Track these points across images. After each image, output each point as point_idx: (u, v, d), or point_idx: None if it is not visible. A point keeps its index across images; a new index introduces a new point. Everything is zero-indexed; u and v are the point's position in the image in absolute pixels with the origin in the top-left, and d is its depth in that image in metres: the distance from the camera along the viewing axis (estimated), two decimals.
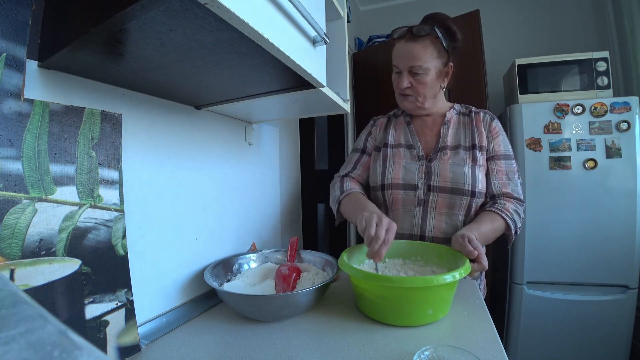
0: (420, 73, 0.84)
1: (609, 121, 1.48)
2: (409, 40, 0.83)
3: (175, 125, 0.72)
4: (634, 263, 1.45)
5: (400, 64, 0.86)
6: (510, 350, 1.60)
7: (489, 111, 0.95)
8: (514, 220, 0.81)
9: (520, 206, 0.85)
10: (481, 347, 0.51)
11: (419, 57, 0.82)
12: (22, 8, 0.43)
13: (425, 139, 0.93)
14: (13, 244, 0.41)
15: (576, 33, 2.05)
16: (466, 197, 0.83)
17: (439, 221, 0.86)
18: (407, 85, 0.86)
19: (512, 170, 0.88)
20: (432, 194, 0.86)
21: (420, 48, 0.82)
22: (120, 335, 0.52)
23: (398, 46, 0.87)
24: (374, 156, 0.98)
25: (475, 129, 0.90)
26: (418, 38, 0.82)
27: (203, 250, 0.78)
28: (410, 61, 0.83)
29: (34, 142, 0.44)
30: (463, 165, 0.85)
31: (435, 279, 0.55)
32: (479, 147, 0.87)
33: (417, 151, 0.91)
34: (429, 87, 0.87)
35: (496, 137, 0.89)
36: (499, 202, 0.83)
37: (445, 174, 0.85)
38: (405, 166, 0.90)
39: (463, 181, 0.83)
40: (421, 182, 0.87)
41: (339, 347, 0.53)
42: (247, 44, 0.42)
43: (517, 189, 0.86)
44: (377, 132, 1.01)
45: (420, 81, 0.85)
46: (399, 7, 2.47)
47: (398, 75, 0.89)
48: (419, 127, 0.96)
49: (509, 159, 0.89)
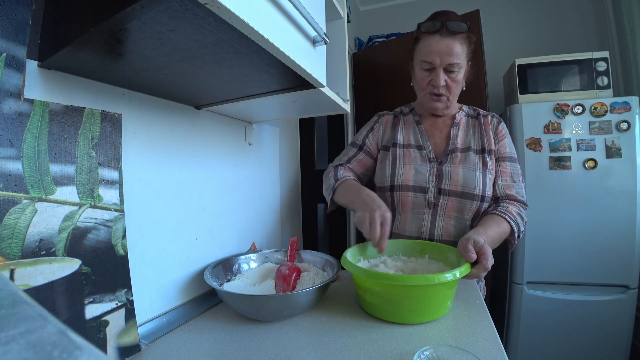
0: (455, 71, 0.82)
1: (609, 121, 1.48)
2: (445, 35, 0.79)
3: (175, 125, 0.72)
4: (634, 263, 1.45)
5: (437, 60, 0.81)
6: (510, 350, 1.60)
7: (496, 114, 0.94)
8: (517, 223, 0.80)
9: (523, 209, 0.84)
10: (481, 347, 0.51)
11: (457, 54, 0.80)
12: (22, 8, 0.43)
13: (435, 140, 0.92)
14: (13, 244, 0.41)
15: (576, 33, 2.05)
16: (476, 201, 0.83)
17: (448, 224, 0.85)
18: (443, 84, 0.83)
19: (517, 173, 0.87)
20: (443, 197, 0.84)
21: (458, 45, 0.79)
22: (120, 335, 0.52)
23: (431, 41, 0.81)
24: (382, 155, 0.95)
25: (484, 133, 0.89)
26: (456, 34, 0.79)
27: (203, 250, 0.78)
28: (449, 58, 0.80)
29: (34, 142, 0.44)
30: (474, 169, 0.84)
31: (436, 277, 0.55)
32: (488, 150, 0.87)
33: (427, 153, 0.89)
34: (459, 86, 0.86)
35: (502, 140, 0.89)
36: (502, 205, 0.82)
37: (456, 177, 0.83)
38: (417, 168, 0.88)
39: (474, 186, 0.82)
40: (432, 184, 0.85)
41: (339, 347, 0.53)
42: (247, 44, 0.42)
43: (522, 191, 0.86)
44: (380, 131, 0.99)
45: (454, 79, 0.83)
46: (399, 7, 2.47)
47: (429, 73, 0.84)
48: (428, 128, 0.94)
49: (513, 162, 0.88)
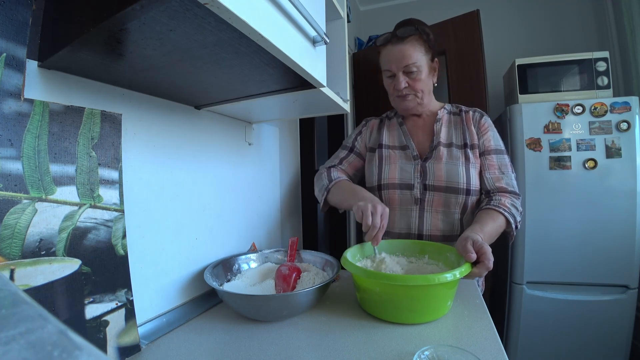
0: (414, 71, 0.86)
1: (609, 121, 1.48)
2: (396, 43, 0.86)
3: (175, 125, 0.72)
4: (634, 263, 1.45)
5: (393, 67, 0.88)
6: (510, 350, 1.60)
7: (479, 109, 0.96)
8: (513, 214, 0.81)
9: (517, 200, 0.85)
10: (481, 347, 0.51)
11: (411, 55, 0.85)
12: (22, 8, 0.43)
13: (418, 139, 0.95)
14: (13, 244, 0.41)
15: (576, 33, 2.05)
16: (461, 195, 0.85)
17: (436, 219, 0.87)
18: (405, 85, 0.88)
19: (505, 164, 0.88)
20: (428, 193, 0.87)
21: (409, 47, 0.85)
22: (120, 335, 0.52)
23: (386, 51, 0.89)
24: (369, 157, 1.00)
25: (466, 128, 0.91)
26: (405, 39, 0.85)
27: (203, 250, 0.78)
28: (403, 61, 0.86)
29: (34, 142, 0.44)
30: (457, 164, 0.86)
31: (436, 277, 0.55)
32: (470, 145, 0.89)
33: (411, 151, 0.93)
34: (425, 83, 0.89)
35: (485, 133, 0.90)
36: (494, 199, 0.84)
37: (439, 173, 0.86)
38: (401, 166, 0.92)
39: (457, 180, 0.85)
40: (417, 181, 0.89)
41: (338, 347, 0.53)
42: (247, 44, 0.42)
43: (512, 182, 0.87)
44: (367, 134, 1.03)
45: (416, 79, 0.88)
46: (399, 7, 2.47)
47: (392, 79, 0.91)
48: (411, 128, 0.98)
49: (500, 154, 0.89)
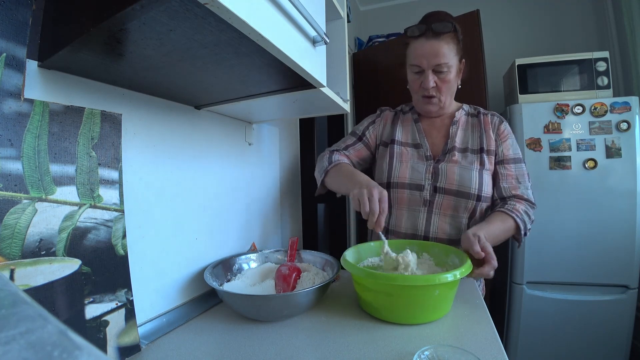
0: (444, 71, 0.82)
1: (609, 121, 1.48)
2: (430, 37, 0.80)
3: (175, 125, 0.72)
4: (634, 263, 1.45)
5: (424, 62, 0.82)
6: (510, 350, 1.60)
7: (497, 113, 0.93)
8: (524, 220, 0.80)
9: (531, 208, 0.83)
10: (481, 347, 0.50)
11: (445, 54, 0.80)
12: (22, 8, 0.43)
13: (433, 139, 0.92)
14: (13, 244, 0.41)
15: (576, 33, 2.05)
16: (472, 200, 0.82)
17: (443, 222, 0.85)
18: (433, 85, 0.83)
19: (522, 174, 0.86)
20: (438, 196, 0.84)
21: (444, 45, 0.80)
22: (120, 335, 0.52)
23: (417, 44, 0.82)
24: (381, 152, 0.96)
25: (483, 132, 0.88)
26: (441, 35, 0.79)
27: (203, 250, 0.78)
28: (436, 59, 0.80)
29: (34, 142, 0.44)
30: (471, 169, 0.84)
31: (436, 277, 0.55)
32: (486, 151, 0.86)
33: (424, 151, 0.90)
34: (452, 85, 0.86)
35: (505, 141, 0.88)
36: (509, 203, 0.82)
37: (452, 176, 0.83)
38: (413, 166, 0.88)
39: (470, 185, 0.82)
40: (427, 182, 0.86)
41: (338, 347, 0.53)
42: (247, 44, 0.42)
43: (528, 192, 0.85)
44: (380, 125, 0.99)
45: (444, 79, 0.83)
46: (399, 7, 2.47)
47: (419, 75, 0.85)
48: (427, 127, 0.94)
49: (518, 163, 0.87)
